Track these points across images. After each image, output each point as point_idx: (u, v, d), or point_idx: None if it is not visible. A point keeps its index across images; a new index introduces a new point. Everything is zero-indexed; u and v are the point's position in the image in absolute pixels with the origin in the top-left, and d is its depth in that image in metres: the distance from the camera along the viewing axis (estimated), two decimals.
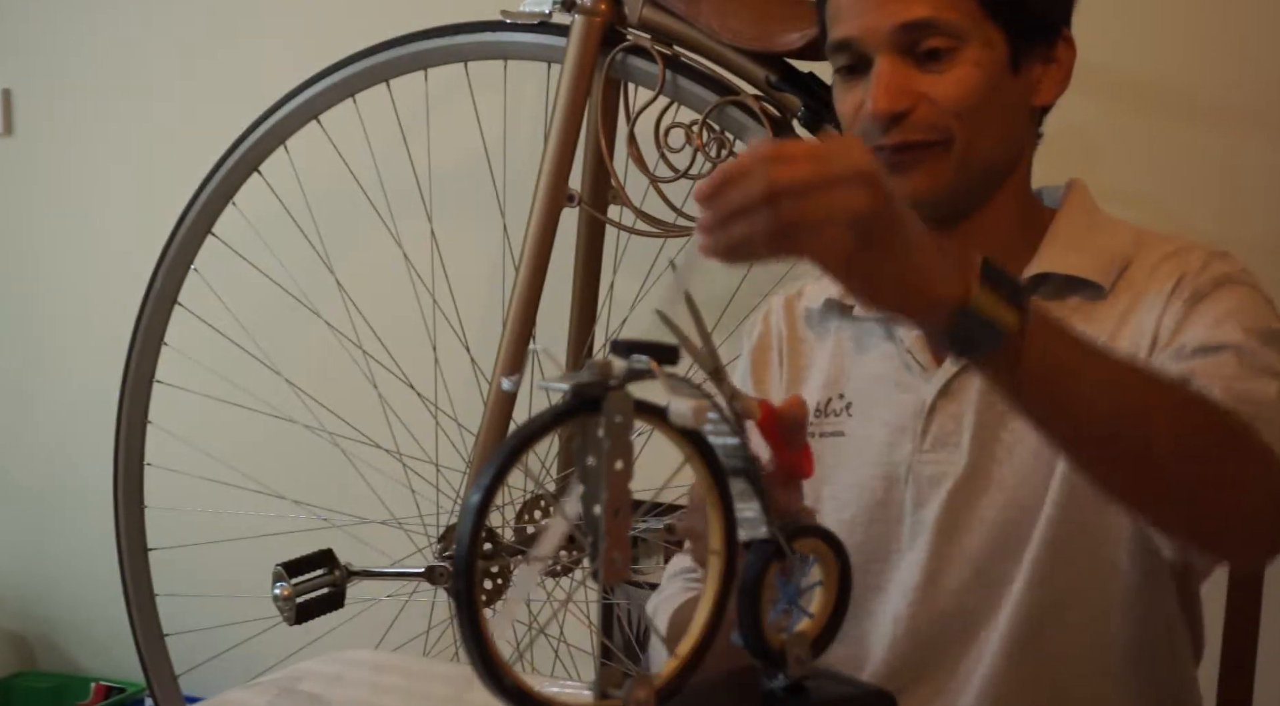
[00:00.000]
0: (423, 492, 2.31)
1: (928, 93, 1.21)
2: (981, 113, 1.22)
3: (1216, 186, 2.03)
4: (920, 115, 1.21)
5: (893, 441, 1.27)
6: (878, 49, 1.22)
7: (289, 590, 2.10)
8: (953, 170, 1.22)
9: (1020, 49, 1.24)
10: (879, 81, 1.21)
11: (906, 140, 1.21)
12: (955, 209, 1.26)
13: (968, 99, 1.21)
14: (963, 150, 1.22)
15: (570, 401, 0.79)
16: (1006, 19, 1.22)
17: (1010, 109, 1.25)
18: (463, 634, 0.77)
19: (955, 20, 1.21)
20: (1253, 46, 2.00)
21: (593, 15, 1.95)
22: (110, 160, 2.83)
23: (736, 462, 0.88)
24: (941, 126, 1.21)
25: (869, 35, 1.22)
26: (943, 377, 1.26)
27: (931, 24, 1.20)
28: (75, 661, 3.01)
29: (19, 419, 3.00)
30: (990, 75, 1.22)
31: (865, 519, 1.27)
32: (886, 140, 1.22)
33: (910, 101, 1.21)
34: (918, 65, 1.21)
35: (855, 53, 1.24)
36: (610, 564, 0.80)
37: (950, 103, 1.21)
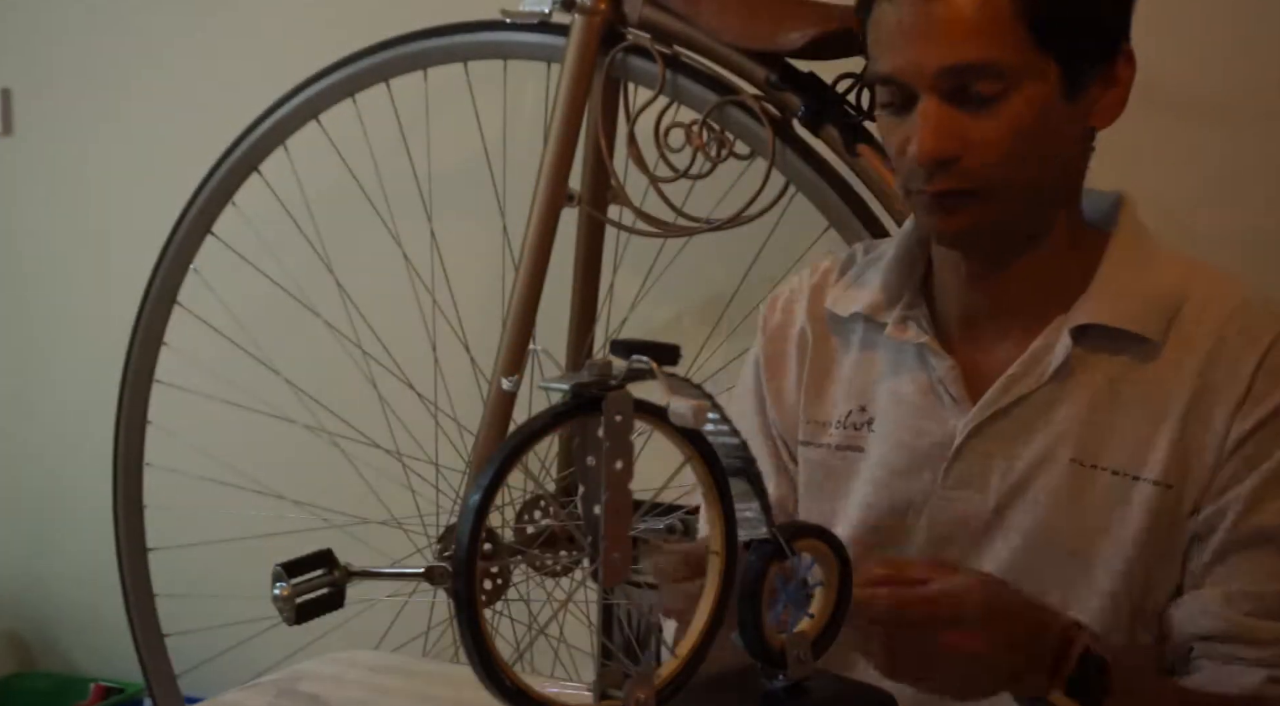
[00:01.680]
0: (422, 492, 2.31)
1: (976, 139, 1.15)
2: (1032, 154, 1.16)
3: (1217, 186, 2.02)
4: (967, 163, 1.15)
5: (911, 470, 1.24)
6: (923, 89, 1.15)
7: (288, 590, 2.10)
8: (996, 214, 1.17)
9: (1076, 76, 1.17)
10: (925, 124, 1.14)
11: (950, 189, 1.16)
12: (1005, 244, 1.22)
13: (1018, 145, 1.15)
14: (1008, 196, 1.17)
15: (570, 401, 0.79)
16: (1060, 48, 1.15)
17: (1064, 138, 1.19)
18: (462, 634, 0.77)
19: (1005, 60, 1.13)
20: (1253, 46, 2.00)
21: (592, 15, 1.94)
22: (110, 160, 2.83)
23: (736, 462, 0.88)
24: (985, 175, 1.15)
25: (914, 74, 1.15)
26: (977, 416, 1.22)
27: (980, 68, 1.13)
28: (74, 662, 3.01)
29: (18, 419, 3.00)
30: (1043, 111, 1.15)
31: (868, 543, 1.24)
32: (930, 187, 1.16)
33: (957, 148, 1.14)
34: (965, 108, 1.14)
35: (900, 87, 1.17)
36: (610, 564, 0.79)
37: (999, 148, 1.14)
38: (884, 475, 1.25)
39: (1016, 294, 1.24)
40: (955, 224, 1.18)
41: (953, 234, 1.19)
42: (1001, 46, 1.13)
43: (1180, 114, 2.03)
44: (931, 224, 1.20)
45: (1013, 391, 1.21)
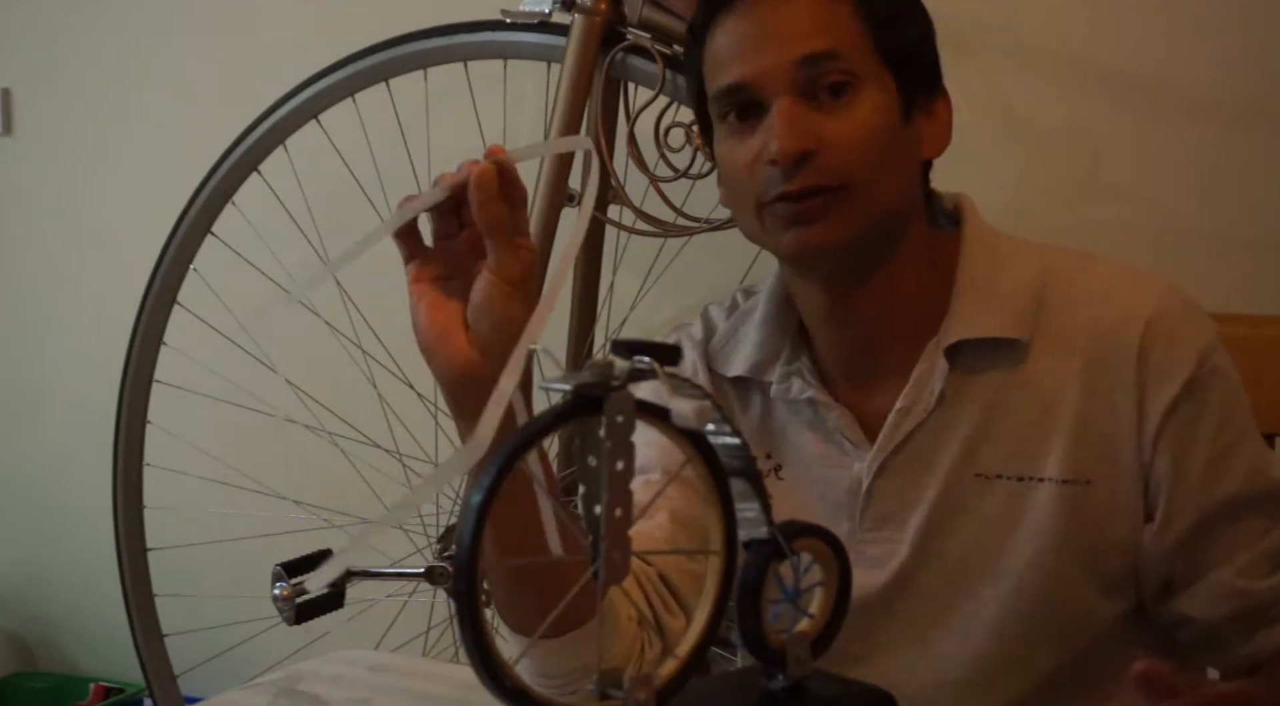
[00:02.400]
0: None
1: (831, 134, 1.16)
2: (883, 156, 1.18)
3: (1216, 186, 2.02)
4: (825, 158, 1.16)
5: (828, 519, 1.23)
6: (776, 91, 1.17)
7: (288, 590, 2.10)
8: (856, 216, 1.17)
9: (909, 98, 1.20)
10: (782, 120, 1.15)
11: (812, 185, 1.16)
12: (862, 260, 1.21)
13: (870, 139, 1.17)
14: (865, 194, 1.17)
15: (571, 402, 0.79)
16: (897, 64, 1.19)
17: (903, 158, 1.21)
18: (463, 634, 0.77)
19: (854, 55, 1.17)
20: (1253, 46, 2.00)
21: (593, 15, 1.94)
22: (110, 160, 2.83)
23: (736, 462, 0.88)
24: (843, 171, 1.16)
25: (765, 76, 1.17)
26: (878, 457, 1.22)
27: (832, 55, 1.16)
28: (74, 661, 3.01)
29: (18, 419, 3.00)
30: (887, 121, 1.18)
31: None
32: (791, 186, 1.16)
33: (815, 142, 1.16)
34: (817, 107, 1.16)
35: (746, 98, 1.18)
36: (611, 564, 0.79)
37: (853, 145, 1.16)
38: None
39: (883, 323, 1.23)
40: (814, 235, 1.17)
41: (813, 246, 1.18)
42: (846, 40, 1.17)
43: (1182, 117, 2.03)
44: (789, 239, 1.19)
45: (905, 425, 1.22)
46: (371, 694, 1.26)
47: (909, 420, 1.21)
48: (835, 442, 1.24)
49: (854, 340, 1.25)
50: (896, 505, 1.21)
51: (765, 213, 1.19)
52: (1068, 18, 2.06)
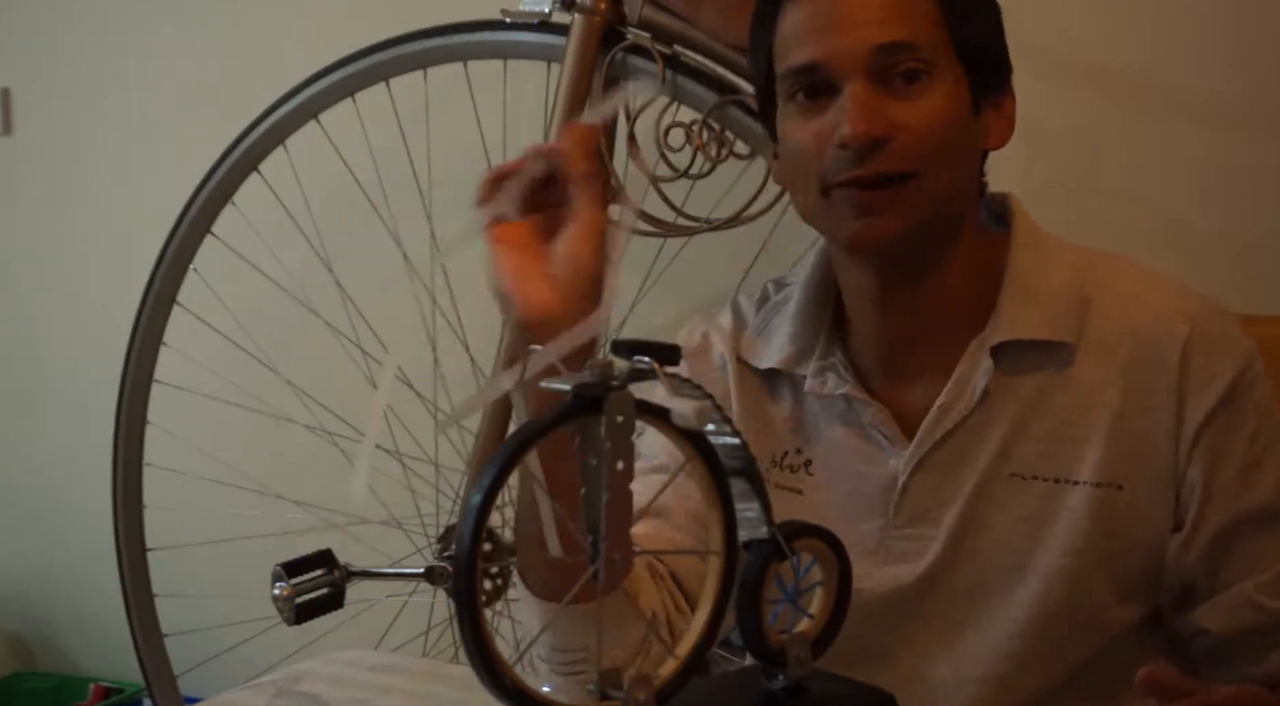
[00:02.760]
0: (422, 493, 2.31)
1: (904, 121, 1.16)
2: (951, 147, 1.18)
3: (1217, 186, 2.02)
4: (899, 145, 1.16)
5: (859, 514, 1.23)
6: (850, 74, 1.16)
7: (288, 590, 2.10)
8: (920, 207, 1.17)
9: (979, 91, 1.20)
10: (856, 103, 1.15)
11: (882, 171, 1.16)
12: (920, 249, 1.21)
13: (942, 129, 1.17)
14: (931, 185, 1.17)
15: (572, 402, 0.79)
16: (971, 58, 1.19)
17: (971, 151, 1.22)
18: (463, 634, 0.77)
19: (929, 46, 1.17)
20: (1254, 46, 2.00)
21: (592, 14, 1.94)
22: (110, 160, 2.83)
23: (736, 463, 0.88)
24: (915, 158, 1.16)
25: (840, 59, 1.16)
26: (916, 453, 1.21)
27: (909, 45, 1.16)
28: (74, 662, 3.01)
29: (18, 419, 3.00)
30: (958, 111, 1.18)
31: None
32: (861, 170, 1.16)
33: (889, 129, 1.15)
34: (890, 93, 1.16)
35: (818, 78, 1.18)
36: (611, 564, 0.79)
37: (927, 131, 1.16)
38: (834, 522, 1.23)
39: (931, 316, 1.23)
40: (880, 227, 1.17)
41: (867, 237, 1.17)
42: (924, 30, 1.17)
43: (1183, 117, 2.03)
44: (855, 228, 1.18)
45: (945, 422, 1.21)
46: (371, 694, 1.26)
47: (949, 417, 1.21)
48: (870, 439, 1.24)
49: (897, 329, 1.24)
50: (932, 502, 1.21)
51: (834, 195, 1.19)
52: (1068, 17, 2.06)
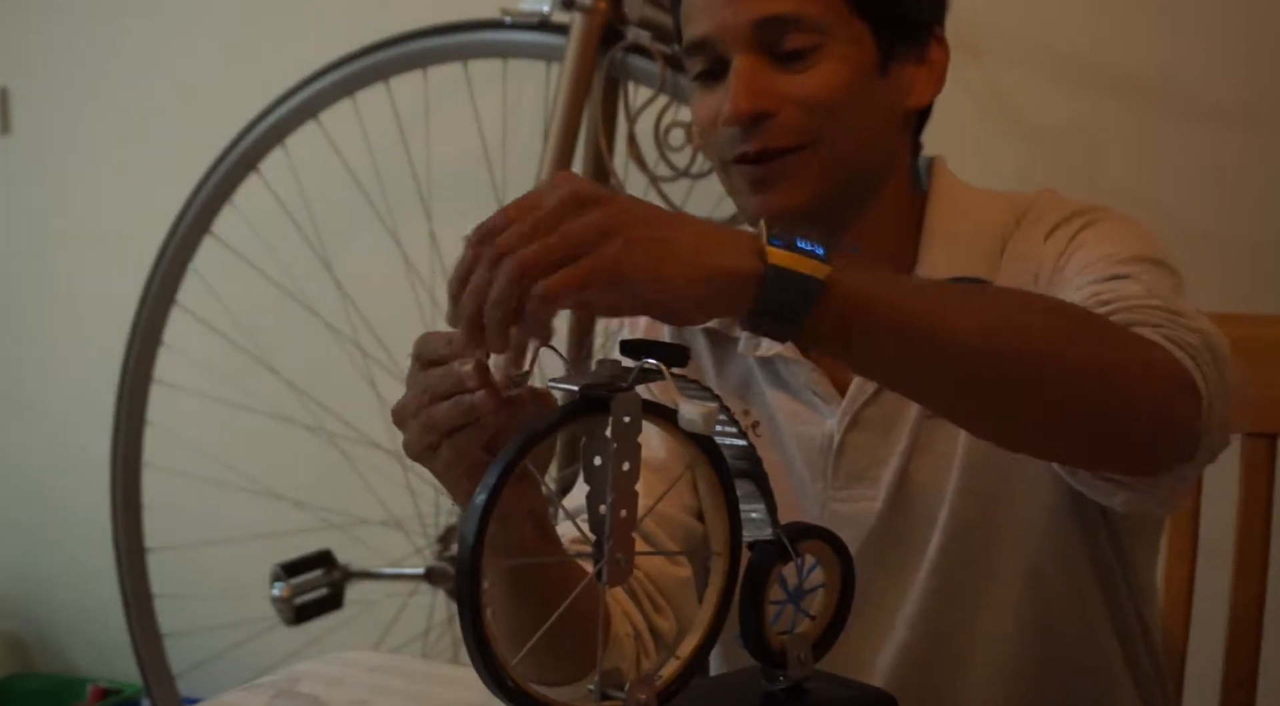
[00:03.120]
0: (422, 493, 2.31)
1: (791, 93, 1.12)
2: (848, 113, 1.14)
3: (1217, 186, 2.02)
4: (784, 118, 1.13)
5: (804, 479, 1.21)
6: (735, 47, 1.13)
7: (287, 591, 2.10)
8: (819, 174, 1.14)
9: (889, 49, 1.16)
10: (738, 81, 1.12)
11: (769, 146, 1.13)
12: (833, 216, 1.18)
13: (833, 97, 1.13)
14: (829, 152, 1.14)
15: (578, 402, 0.78)
16: (874, 14, 1.15)
17: (879, 112, 1.17)
18: (465, 634, 0.77)
19: (818, 15, 1.12)
20: (1254, 45, 2.00)
21: (592, 14, 1.94)
22: (109, 159, 2.83)
23: (742, 464, 0.88)
24: (806, 128, 1.13)
25: (725, 33, 1.13)
26: (849, 410, 1.19)
27: (793, 19, 1.12)
28: (72, 663, 3.01)
29: (17, 419, 3.00)
30: (857, 73, 1.14)
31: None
32: (749, 146, 1.13)
33: (773, 103, 1.12)
34: (779, 65, 1.13)
35: (712, 53, 1.15)
36: (615, 565, 0.79)
37: (815, 102, 1.13)
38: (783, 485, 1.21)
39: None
40: (777, 199, 1.14)
41: (776, 210, 1.15)
42: (817, 3, 1.13)
43: (1183, 116, 2.03)
44: (754, 204, 1.16)
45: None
46: (371, 694, 1.26)
47: None
48: (805, 400, 1.22)
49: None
50: (868, 461, 1.19)
51: (730, 171, 1.17)
52: (1069, 17, 2.06)
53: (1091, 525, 1.18)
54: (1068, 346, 0.91)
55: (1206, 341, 0.99)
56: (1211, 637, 1.37)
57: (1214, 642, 1.37)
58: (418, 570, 2.12)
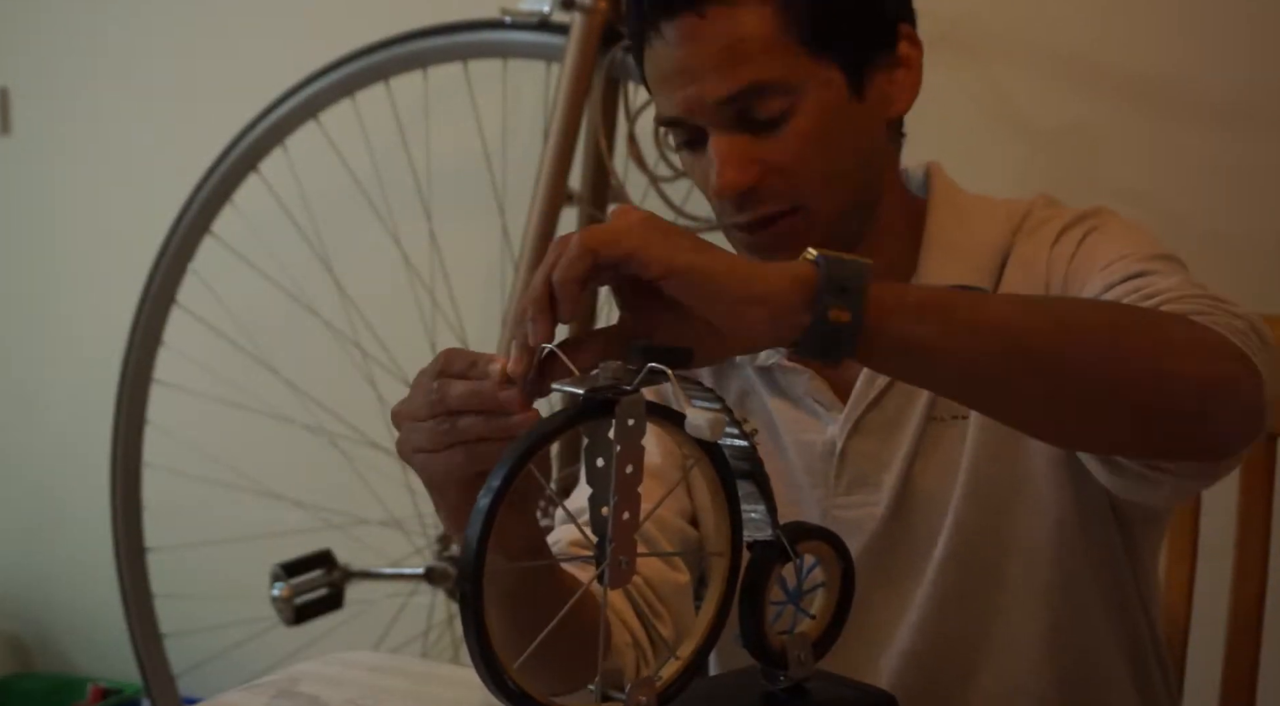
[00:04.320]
0: (421, 493, 2.30)
1: (773, 161, 1.12)
2: (831, 164, 1.13)
3: (1217, 186, 2.02)
4: (771, 185, 1.12)
5: (805, 486, 1.21)
6: (708, 125, 1.13)
7: (287, 591, 2.10)
8: (813, 233, 1.13)
9: (859, 71, 1.14)
10: (718, 160, 1.12)
11: (762, 215, 1.13)
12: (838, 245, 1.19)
13: (816, 155, 1.12)
14: (823, 205, 1.14)
15: (583, 405, 0.78)
16: (834, 47, 1.12)
17: (864, 137, 1.17)
18: (467, 635, 0.77)
19: (780, 76, 1.10)
20: (1254, 45, 2.00)
21: (592, 14, 1.94)
22: (109, 159, 2.83)
23: (744, 465, 0.88)
24: (791, 194, 1.13)
25: (695, 113, 1.13)
26: (851, 416, 1.19)
27: (758, 90, 1.11)
28: (72, 663, 3.01)
29: (17, 418, 3.00)
30: (833, 114, 1.13)
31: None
32: (742, 217, 1.14)
33: (756, 174, 1.12)
34: (756, 133, 1.12)
35: (689, 127, 1.15)
36: (617, 567, 0.79)
37: (798, 163, 1.12)
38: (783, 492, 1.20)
39: None
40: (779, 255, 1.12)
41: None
42: (775, 65, 1.11)
43: (1183, 116, 2.03)
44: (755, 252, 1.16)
45: (877, 382, 1.19)
46: (371, 694, 1.26)
47: (881, 377, 1.19)
48: (806, 407, 1.22)
49: None
50: (870, 466, 1.20)
51: (730, 235, 1.18)
52: (1069, 17, 2.06)
53: (1102, 534, 1.18)
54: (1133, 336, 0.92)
55: (1251, 325, 1.00)
56: (1211, 637, 1.37)
57: (1214, 642, 1.37)
58: (418, 570, 2.12)
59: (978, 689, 1.20)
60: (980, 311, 0.90)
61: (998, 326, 0.89)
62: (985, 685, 1.20)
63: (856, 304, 0.84)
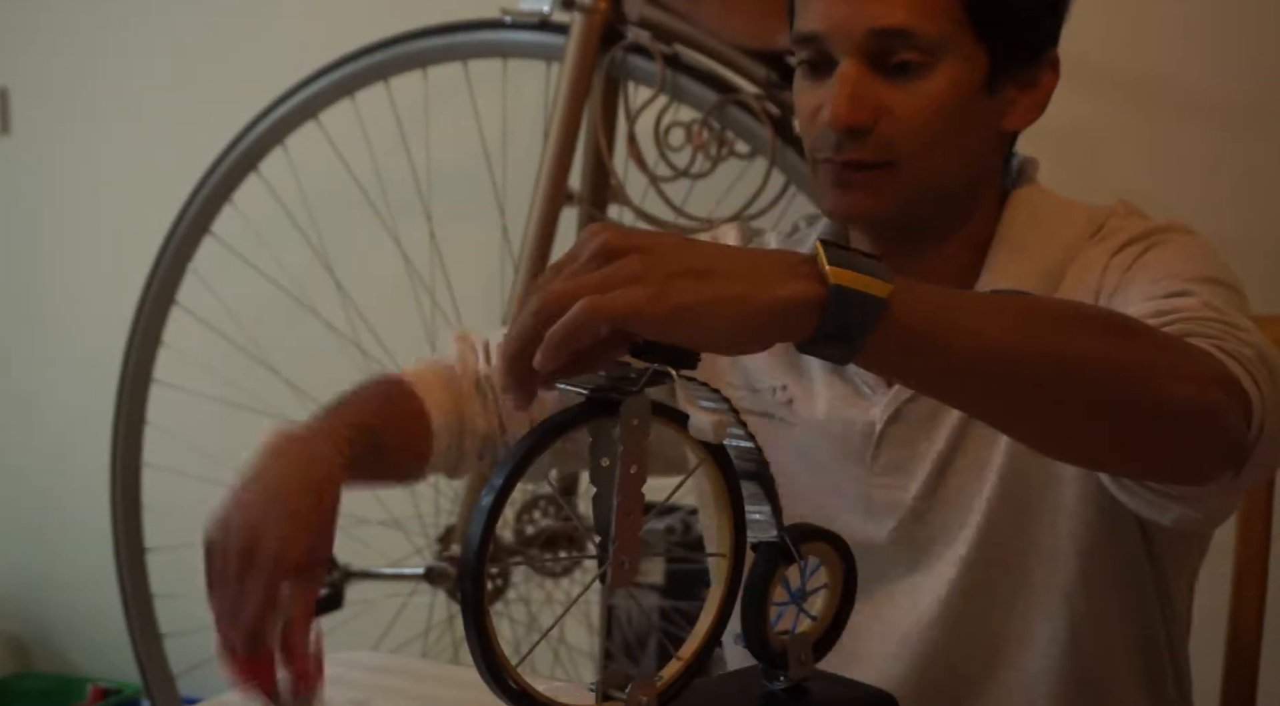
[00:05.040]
0: (421, 493, 2.31)
1: (891, 107, 1.11)
2: (943, 135, 1.13)
3: (1218, 186, 2.02)
4: (880, 132, 1.12)
5: (840, 462, 1.21)
6: (845, 51, 1.11)
7: None
8: (902, 190, 1.14)
9: (1001, 68, 1.14)
10: (842, 89, 1.11)
11: (857, 158, 1.13)
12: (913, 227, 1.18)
13: (931, 120, 1.12)
14: (916, 171, 1.13)
15: (587, 405, 0.78)
16: (992, 32, 1.13)
17: (977, 132, 1.16)
18: (469, 635, 0.77)
19: (934, 32, 1.10)
20: (1254, 44, 2.00)
21: (592, 13, 1.94)
22: (108, 159, 2.83)
23: (749, 466, 0.88)
24: (892, 148, 1.12)
25: (838, 34, 1.11)
26: (894, 401, 1.19)
27: (907, 34, 1.10)
28: (72, 662, 3.01)
29: (17, 418, 3.00)
30: (962, 94, 1.12)
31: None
32: (841, 156, 1.13)
33: (872, 116, 1.11)
34: (885, 76, 1.11)
35: (820, 48, 1.13)
36: (619, 566, 0.79)
37: (913, 122, 1.11)
38: (813, 466, 1.23)
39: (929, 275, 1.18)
40: (855, 203, 1.14)
41: (847, 211, 1.15)
42: (934, 17, 1.10)
43: (1184, 117, 2.03)
44: (831, 198, 1.16)
45: None
46: (371, 694, 1.26)
47: None
48: (853, 384, 1.22)
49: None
50: (907, 453, 1.19)
51: (817, 166, 1.17)
52: (1071, 18, 2.05)
53: (1126, 540, 1.18)
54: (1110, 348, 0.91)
55: (1260, 353, 0.99)
56: (1211, 637, 1.37)
57: (1214, 642, 1.37)
58: (418, 570, 2.11)
59: (995, 684, 1.20)
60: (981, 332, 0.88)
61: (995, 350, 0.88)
62: (1003, 680, 1.20)
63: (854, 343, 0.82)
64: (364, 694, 1.26)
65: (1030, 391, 0.89)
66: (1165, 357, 0.93)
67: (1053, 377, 0.89)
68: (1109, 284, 1.15)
